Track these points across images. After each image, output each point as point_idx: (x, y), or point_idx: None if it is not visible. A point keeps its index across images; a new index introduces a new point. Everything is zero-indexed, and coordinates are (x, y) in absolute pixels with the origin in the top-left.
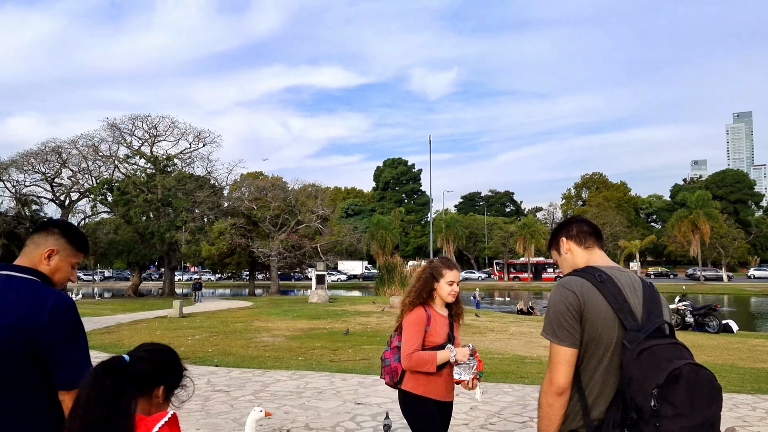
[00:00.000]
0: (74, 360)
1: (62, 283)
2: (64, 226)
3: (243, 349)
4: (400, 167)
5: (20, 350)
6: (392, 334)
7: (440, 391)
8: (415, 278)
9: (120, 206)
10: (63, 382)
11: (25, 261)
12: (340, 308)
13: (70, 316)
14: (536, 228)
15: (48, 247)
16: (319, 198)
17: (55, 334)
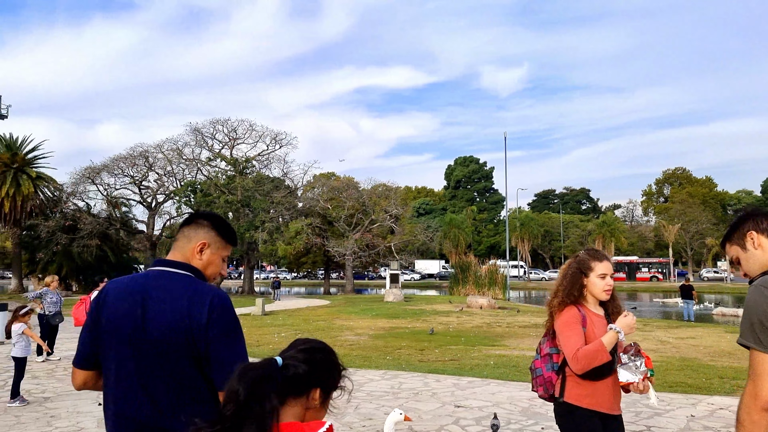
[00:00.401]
0: (233, 359)
1: (214, 278)
2: (213, 218)
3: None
4: (471, 165)
5: (180, 349)
6: (541, 341)
7: (607, 402)
8: (560, 276)
9: (203, 207)
10: (222, 383)
11: (178, 255)
12: (417, 307)
13: (229, 312)
14: (615, 226)
15: (199, 240)
16: (392, 197)
17: (214, 331)
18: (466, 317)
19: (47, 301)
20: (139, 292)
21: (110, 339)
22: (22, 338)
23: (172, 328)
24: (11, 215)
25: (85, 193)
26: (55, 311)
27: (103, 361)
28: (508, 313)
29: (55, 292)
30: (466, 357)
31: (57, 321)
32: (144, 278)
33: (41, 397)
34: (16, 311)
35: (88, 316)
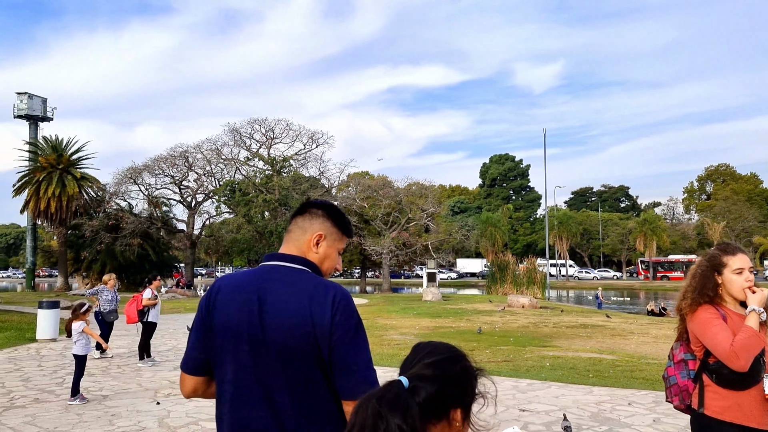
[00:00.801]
0: (357, 364)
1: (330, 272)
2: (327, 207)
3: (377, 346)
4: (507, 163)
5: (304, 353)
6: (673, 346)
7: (756, 415)
8: (689, 276)
9: (241, 206)
10: (347, 391)
11: (292, 248)
12: (458, 307)
13: (353, 312)
14: (657, 224)
15: (315, 231)
16: (429, 196)
17: (339, 333)
18: (509, 317)
19: (103, 298)
20: (254, 291)
21: (225, 342)
22: (83, 336)
23: (293, 330)
24: (57, 215)
25: (127, 193)
26: (111, 309)
27: (216, 367)
28: (552, 313)
29: (112, 290)
30: (519, 358)
31: (112, 318)
32: (258, 274)
33: (99, 395)
34: (76, 309)
35: (198, 316)
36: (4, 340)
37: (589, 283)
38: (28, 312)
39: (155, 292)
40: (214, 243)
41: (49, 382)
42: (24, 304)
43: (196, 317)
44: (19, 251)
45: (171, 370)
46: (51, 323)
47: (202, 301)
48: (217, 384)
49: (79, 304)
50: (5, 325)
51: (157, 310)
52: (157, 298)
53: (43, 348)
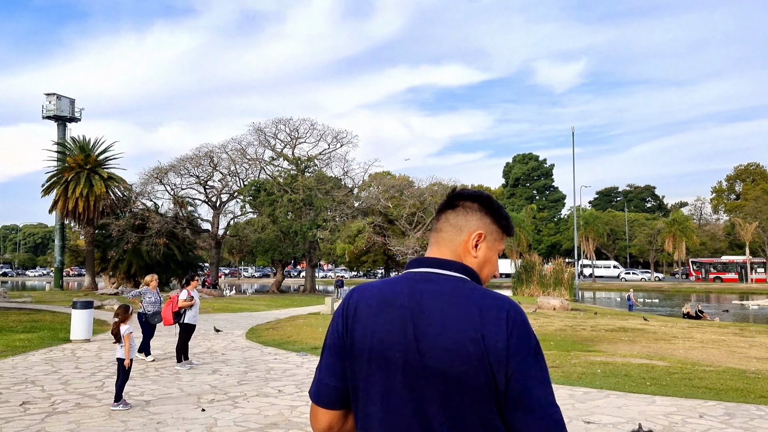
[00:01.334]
0: (539, 397)
1: (488, 280)
2: (485, 200)
3: None
4: (531, 162)
5: (472, 382)
6: None
7: None
8: None
9: (266, 206)
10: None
11: (446, 251)
12: None
13: (529, 331)
14: (686, 224)
15: (473, 230)
16: None
17: (517, 358)
18: (543, 319)
19: (146, 300)
20: (405, 305)
21: (370, 367)
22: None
23: (459, 354)
24: (85, 215)
25: (153, 193)
26: (155, 311)
27: (357, 399)
28: (586, 315)
29: (155, 292)
30: (567, 364)
31: (156, 321)
32: (407, 284)
33: (141, 400)
34: (120, 311)
35: (332, 336)
36: (39, 340)
37: (616, 284)
38: (60, 311)
39: (192, 292)
40: (238, 242)
41: (89, 385)
42: (54, 304)
43: (330, 336)
44: (46, 251)
45: (210, 374)
46: (85, 323)
47: (337, 317)
48: (359, 420)
49: (124, 306)
50: (38, 325)
51: (195, 312)
52: (193, 299)
53: (78, 349)
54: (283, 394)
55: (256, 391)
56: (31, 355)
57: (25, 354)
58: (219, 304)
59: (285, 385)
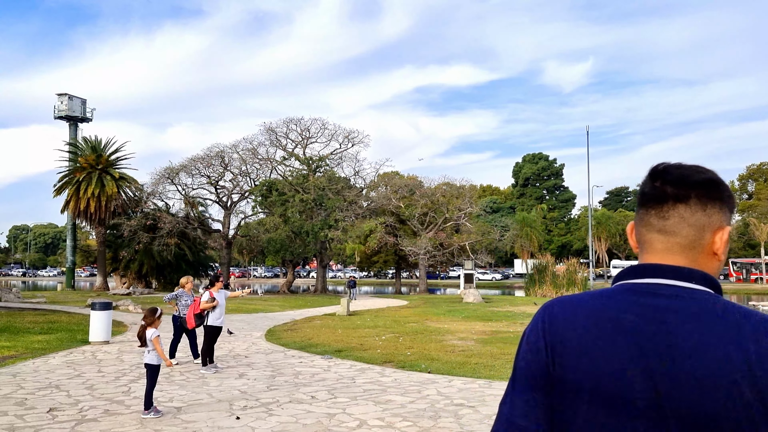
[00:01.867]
0: None
1: None
2: (721, 183)
3: (442, 353)
4: (540, 162)
5: (734, 424)
6: None
7: None
8: None
9: (278, 206)
10: None
11: (680, 258)
12: (503, 309)
13: None
14: None
15: (717, 228)
16: (466, 195)
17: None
18: None
19: (182, 303)
20: (641, 328)
21: (593, 410)
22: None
23: (720, 388)
24: (96, 215)
25: (164, 193)
26: None
27: None
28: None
29: (190, 294)
30: None
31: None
32: (633, 299)
33: (171, 406)
34: (148, 314)
35: (529, 363)
36: (58, 342)
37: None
38: (75, 312)
39: (216, 294)
40: (249, 242)
41: (115, 390)
42: (68, 304)
43: (525, 363)
44: (57, 251)
45: (237, 378)
46: (104, 325)
47: (534, 339)
48: None
49: (152, 309)
50: (55, 326)
51: (219, 314)
52: (215, 300)
53: (98, 351)
54: (316, 400)
55: (288, 397)
56: (51, 357)
57: (45, 356)
58: (232, 304)
59: (317, 391)
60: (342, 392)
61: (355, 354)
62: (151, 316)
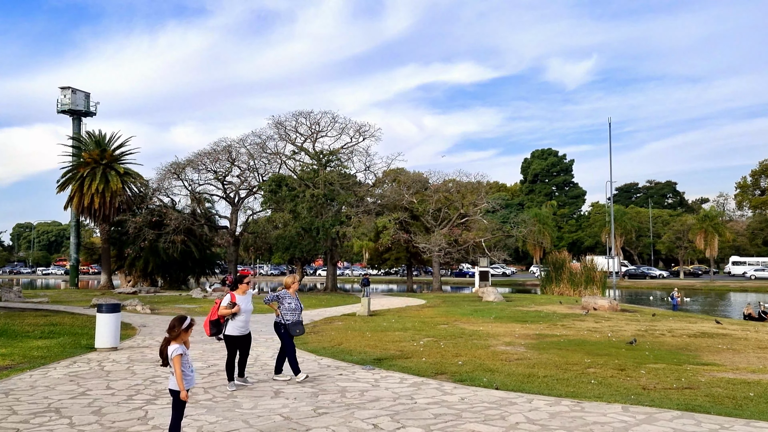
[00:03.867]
0: None
1: None
2: None
3: (497, 362)
4: (550, 158)
5: None
6: None
7: None
8: None
9: (287, 201)
10: None
11: None
12: (531, 309)
13: None
14: (719, 220)
15: None
16: (482, 191)
17: None
18: (605, 322)
19: (285, 307)
20: None
21: None
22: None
23: None
24: (101, 211)
25: (170, 189)
26: (295, 320)
27: None
28: (646, 318)
29: (294, 297)
30: (697, 383)
31: (297, 332)
32: None
33: None
34: (174, 325)
35: None
36: (59, 349)
37: (645, 282)
38: (79, 313)
39: (238, 297)
40: (256, 239)
41: (129, 416)
42: (72, 304)
43: None
44: (60, 249)
45: (273, 397)
46: (111, 330)
47: None
48: None
49: (179, 318)
50: (57, 330)
51: (241, 321)
52: (236, 305)
53: (105, 360)
54: (382, 431)
55: (345, 426)
56: (51, 368)
57: (45, 367)
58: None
59: (377, 416)
60: (409, 418)
61: (399, 363)
62: (178, 326)
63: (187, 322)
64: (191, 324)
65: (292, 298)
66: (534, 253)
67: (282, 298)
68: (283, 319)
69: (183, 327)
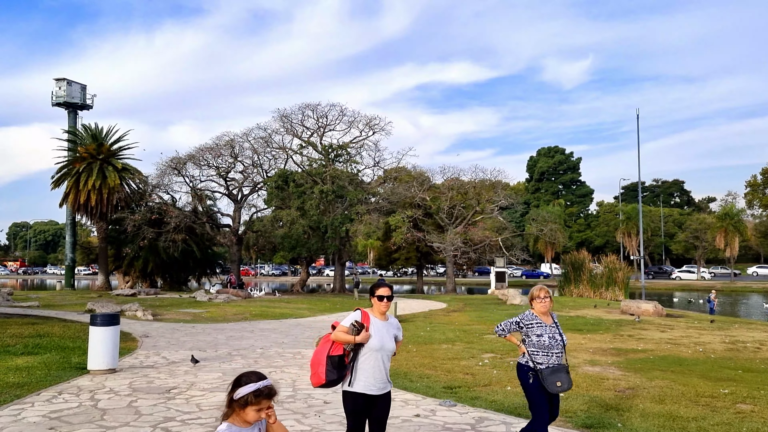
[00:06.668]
0: None
1: None
2: None
3: (608, 393)
4: (557, 156)
5: None
6: None
7: None
8: None
9: (294, 198)
10: None
11: None
12: (569, 314)
13: None
14: (739, 218)
15: None
16: (499, 188)
17: None
18: (675, 332)
19: (533, 341)
20: None
21: None
22: None
23: None
24: (98, 208)
25: (170, 186)
26: (553, 365)
27: None
28: (704, 325)
29: (553, 322)
30: None
31: (559, 387)
32: None
33: None
34: (242, 382)
35: None
36: (43, 371)
37: (663, 283)
38: (72, 320)
39: (372, 318)
40: (261, 238)
41: None
42: (65, 308)
43: None
44: (57, 248)
45: None
46: (108, 347)
47: None
48: None
49: (246, 377)
50: (44, 342)
51: (375, 366)
52: (362, 331)
53: (99, 389)
54: None
55: None
56: (27, 404)
57: (19, 402)
58: (254, 307)
59: None
60: None
61: (483, 396)
62: (237, 394)
63: (255, 389)
64: (266, 393)
65: (545, 327)
66: (546, 253)
67: (528, 325)
68: (532, 362)
69: (245, 397)
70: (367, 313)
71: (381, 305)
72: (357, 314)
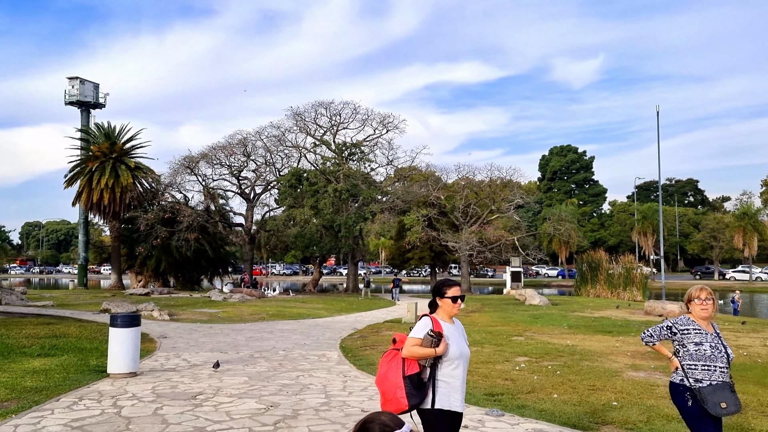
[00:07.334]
0: None
1: None
2: None
3: (662, 401)
4: (569, 155)
5: None
6: None
7: None
8: None
9: (308, 197)
10: None
11: None
12: (592, 314)
13: None
14: (758, 218)
15: None
16: (515, 187)
17: None
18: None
19: (690, 351)
20: None
21: None
22: None
23: None
24: (111, 207)
25: (182, 185)
26: (717, 381)
27: None
28: (735, 326)
29: (713, 330)
30: None
31: (724, 410)
32: None
33: None
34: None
35: None
36: (62, 374)
37: (678, 283)
38: (88, 320)
39: (442, 323)
40: (273, 238)
41: None
42: (79, 308)
43: None
44: (69, 248)
45: None
46: (129, 349)
47: None
48: None
49: (381, 424)
50: (61, 343)
51: (458, 378)
52: (441, 337)
53: (121, 394)
54: None
55: None
56: (47, 410)
57: (38, 408)
58: (270, 307)
59: None
60: None
61: (530, 404)
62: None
63: None
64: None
65: (705, 334)
66: (560, 253)
67: (682, 330)
68: (689, 379)
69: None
70: (436, 319)
71: (455, 307)
72: (427, 322)
